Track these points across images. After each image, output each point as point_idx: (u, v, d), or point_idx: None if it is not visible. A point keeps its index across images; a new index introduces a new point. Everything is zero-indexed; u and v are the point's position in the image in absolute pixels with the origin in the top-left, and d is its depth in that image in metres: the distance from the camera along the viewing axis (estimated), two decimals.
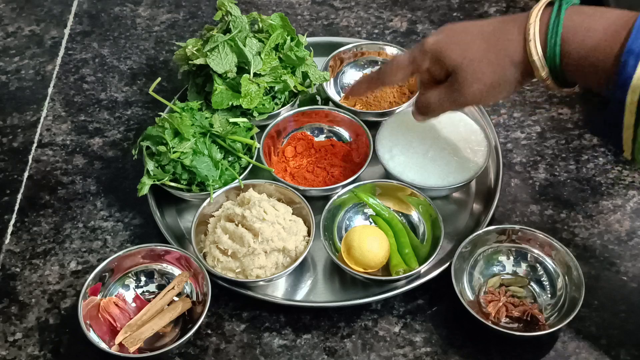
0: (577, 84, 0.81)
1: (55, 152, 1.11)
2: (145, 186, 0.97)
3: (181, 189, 0.99)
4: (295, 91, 1.07)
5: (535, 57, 0.79)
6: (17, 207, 1.04)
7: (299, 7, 1.30)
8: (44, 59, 1.24)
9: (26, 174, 1.08)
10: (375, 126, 1.04)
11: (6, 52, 1.25)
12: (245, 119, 1.03)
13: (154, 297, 0.91)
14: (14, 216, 1.03)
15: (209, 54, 1.03)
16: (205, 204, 0.97)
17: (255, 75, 1.04)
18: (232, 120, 1.02)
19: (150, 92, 1.04)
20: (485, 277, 0.93)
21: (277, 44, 1.07)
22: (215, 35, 1.04)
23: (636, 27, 0.72)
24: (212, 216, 0.97)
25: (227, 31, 1.06)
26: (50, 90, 1.19)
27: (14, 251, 0.99)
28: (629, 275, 0.93)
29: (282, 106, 1.07)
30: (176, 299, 0.91)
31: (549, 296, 0.90)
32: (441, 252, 0.94)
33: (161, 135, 0.98)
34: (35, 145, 1.12)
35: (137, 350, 0.86)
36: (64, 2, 1.33)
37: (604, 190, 1.02)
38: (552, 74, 0.80)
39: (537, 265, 0.92)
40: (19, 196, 1.06)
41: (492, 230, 0.93)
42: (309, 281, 0.95)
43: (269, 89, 1.05)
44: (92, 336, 0.86)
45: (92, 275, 0.89)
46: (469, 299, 0.90)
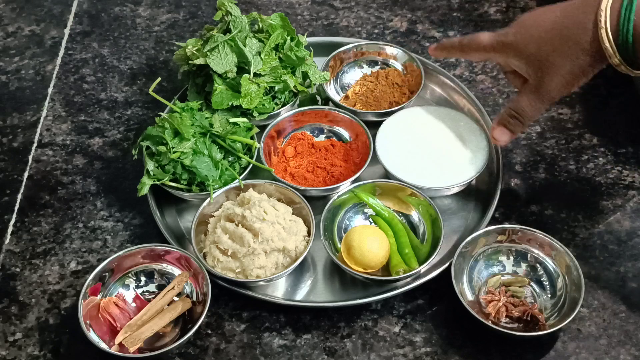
0: None
1: (55, 152, 1.11)
2: (145, 186, 0.97)
3: (181, 189, 0.99)
4: (295, 91, 1.07)
5: (607, 44, 0.80)
6: (17, 207, 1.04)
7: (299, 7, 1.30)
8: (44, 59, 1.24)
9: (26, 174, 1.08)
10: (375, 126, 1.04)
11: (6, 52, 1.25)
12: (245, 119, 1.03)
13: (154, 297, 0.91)
14: (14, 216, 1.03)
15: (209, 54, 1.03)
16: (205, 204, 0.97)
17: (255, 75, 1.04)
18: (232, 120, 1.02)
19: (150, 92, 1.04)
20: (485, 277, 0.93)
21: (277, 44, 1.07)
22: (215, 35, 1.04)
23: None
24: (212, 216, 0.97)
25: (227, 31, 1.06)
26: (50, 90, 1.19)
27: (14, 251, 0.99)
28: (629, 275, 0.93)
29: (282, 106, 1.07)
30: (176, 299, 0.91)
31: (549, 296, 0.90)
32: (441, 252, 0.94)
33: (161, 135, 0.98)
34: (35, 145, 1.12)
35: (137, 350, 0.86)
36: (64, 2, 1.33)
37: (604, 190, 1.02)
38: (625, 59, 0.81)
39: (537, 265, 0.92)
40: (19, 196, 1.06)
41: (492, 230, 0.93)
42: (309, 281, 0.95)
43: (269, 89, 1.05)
44: (92, 336, 0.86)
45: (92, 275, 0.89)
46: (469, 299, 0.90)
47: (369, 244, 0.90)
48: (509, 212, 1.00)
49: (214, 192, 0.97)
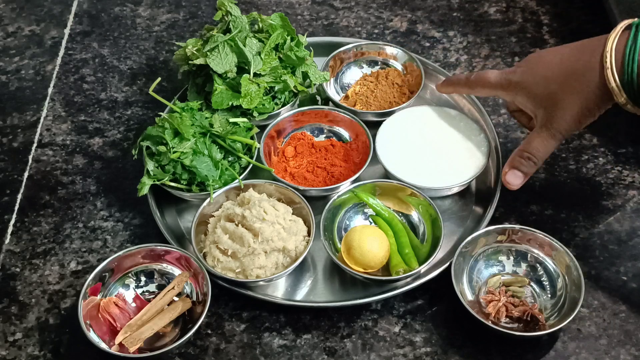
0: None
1: (55, 152, 1.11)
2: (145, 186, 0.97)
3: (181, 189, 0.99)
4: (295, 91, 1.07)
5: (613, 84, 0.82)
6: (17, 207, 1.04)
7: (299, 7, 1.30)
8: (44, 59, 1.24)
9: (26, 174, 1.08)
10: (375, 126, 1.04)
11: (6, 52, 1.25)
12: (245, 119, 1.03)
13: (154, 297, 0.91)
14: (14, 216, 1.03)
15: (209, 54, 1.03)
16: (205, 204, 0.97)
17: (255, 75, 1.04)
18: (232, 120, 1.02)
19: (150, 92, 1.04)
20: (485, 277, 0.93)
21: (277, 44, 1.07)
22: (215, 35, 1.04)
23: None
24: (212, 216, 0.97)
25: (227, 31, 1.06)
26: (50, 90, 1.19)
27: (14, 251, 0.99)
28: (629, 275, 0.93)
29: (282, 106, 1.07)
30: (176, 299, 0.91)
31: (549, 296, 0.90)
32: (441, 252, 0.94)
33: (161, 135, 0.98)
34: (35, 145, 1.12)
35: (137, 350, 0.86)
36: (64, 2, 1.33)
37: (604, 190, 1.02)
38: (631, 99, 0.82)
39: (537, 265, 0.92)
40: (19, 196, 1.06)
41: (492, 230, 0.93)
42: (309, 281, 0.95)
43: (269, 89, 1.05)
44: (92, 336, 0.86)
45: (92, 275, 0.89)
46: (469, 299, 0.90)
47: (369, 244, 0.90)
48: (509, 212, 1.00)
49: (214, 192, 0.97)
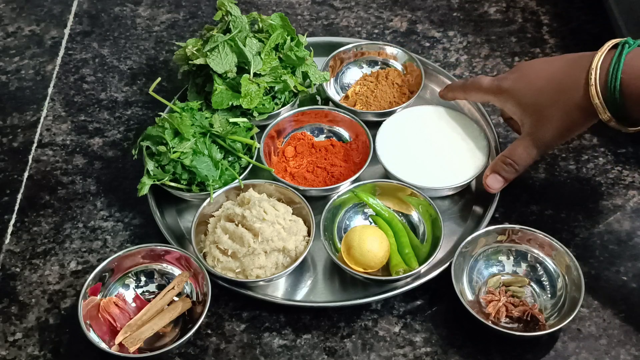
0: None
1: (55, 152, 1.11)
2: (145, 186, 0.97)
3: (181, 189, 0.99)
4: (295, 91, 1.07)
5: (596, 101, 0.84)
6: (17, 207, 1.04)
7: (299, 7, 1.30)
8: (44, 59, 1.24)
9: (26, 174, 1.08)
10: (375, 126, 1.04)
11: (6, 52, 1.25)
12: (245, 119, 1.03)
13: (154, 297, 0.91)
14: (14, 216, 1.03)
15: (209, 54, 1.03)
16: (205, 204, 0.97)
17: (255, 75, 1.04)
18: (232, 120, 1.02)
19: (150, 92, 1.04)
20: (485, 277, 0.93)
21: (277, 44, 1.07)
22: (215, 35, 1.04)
23: None
24: (212, 216, 0.97)
25: (227, 31, 1.06)
26: (50, 90, 1.19)
27: (14, 251, 0.99)
28: (629, 275, 0.93)
29: (282, 106, 1.07)
30: (176, 299, 0.91)
31: (549, 296, 0.90)
32: (441, 252, 0.94)
33: (161, 135, 0.98)
34: (35, 145, 1.12)
35: (137, 350, 0.86)
36: (64, 2, 1.33)
37: (604, 190, 1.02)
38: (615, 116, 0.84)
39: (537, 265, 0.92)
40: (19, 196, 1.06)
41: (492, 230, 0.93)
42: (309, 281, 0.95)
43: (269, 89, 1.05)
44: (92, 336, 0.86)
45: (92, 275, 0.89)
46: (469, 299, 0.90)
47: (369, 244, 0.90)
48: (509, 212, 1.00)
49: (214, 192, 0.97)
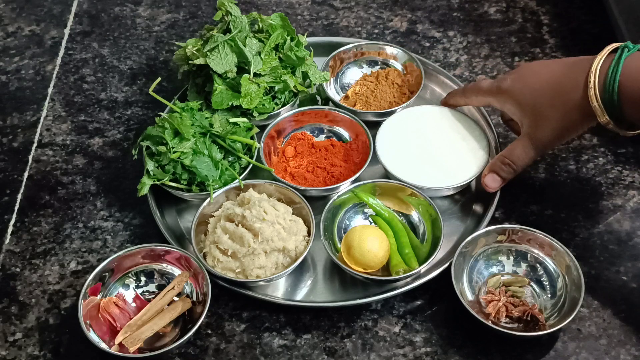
0: None
1: (55, 152, 1.11)
2: (145, 186, 0.97)
3: (181, 189, 0.99)
4: (295, 91, 1.07)
5: (595, 104, 0.84)
6: (17, 207, 1.04)
7: (299, 7, 1.30)
8: (44, 59, 1.24)
9: (26, 174, 1.08)
10: (375, 126, 1.04)
11: (6, 52, 1.25)
12: (245, 119, 1.03)
13: (154, 297, 0.91)
14: (14, 216, 1.03)
15: (209, 54, 1.03)
16: (205, 204, 0.97)
17: (255, 75, 1.04)
18: (232, 120, 1.02)
19: (150, 92, 1.04)
20: (485, 277, 0.93)
21: (277, 44, 1.07)
22: (215, 35, 1.04)
23: None
24: (212, 216, 0.97)
25: (227, 31, 1.06)
26: (50, 90, 1.19)
27: (14, 251, 0.99)
28: (629, 275, 0.93)
29: (282, 106, 1.07)
30: (176, 299, 0.91)
31: (549, 296, 0.90)
32: (441, 252, 0.94)
33: (161, 135, 0.98)
34: (35, 145, 1.12)
35: (137, 350, 0.86)
36: (64, 2, 1.33)
37: (604, 190, 1.02)
38: (613, 119, 0.84)
39: (537, 265, 0.92)
40: (19, 196, 1.06)
41: (492, 230, 0.93)
42: (309, 281, 0.95)
43: (269, 89, 1.05)
44: (92, 336, 0.86)
45: (92, 275, 0.89)
46: (469, 299, 0.90)
47: (369, 244, 0.90)
48: (509, 212, 1.00)
49: (214, 192, 0.97)
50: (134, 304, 0.91)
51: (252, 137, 1.03)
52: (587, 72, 0.85)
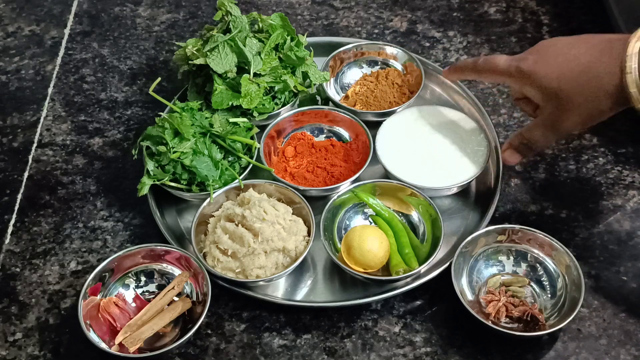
0: None
1: (55, 152, 1.11)
2: (145, 186, 0.97)
3: (181, 189, 0.99)
4: (295, 91, 1.07)
5: (632, 89, 0.79)
6: (17, 207, 1.04)
7: (299, 7, 1.30)
8: (44, 59, 1.24)
9: (26, 174, 1.08)
10: (375, 126, 1.04)
11: (6, 52, 1.25)
12: (245, 119, 1.03)
13: (154, 297, 0.91)
14: (14, 216, 1.03)
15: (209, 54, 1.03)
16: (205, 204, 0.97)
17: (255, 75, 1.04)
18: (232, 120, 1.02)
19: (150, 92, 1.04)
20: (485, 277, 0.93)
21: (277, 44, 1.07)
22: (215, 35, 1.04)
23: None
24: (212, 216, 0.97)
25: (227, 31, 1.06)
26: (50, 90, 1.19)
27: (14, 251, 0.99)
28: (629, 275, 0.93)
29: (282, 106, 1.07)
30: (176, 299, 0.91)
31: (549, 296, 0.90)
32: (441, 252, 0.94)
33: (161, 135, 0.98)
34: (35, 145, 1.12)
35: (137, 350, 0.86)
36: (64, 2, 1.33)
37: (604, 190, 1.02)
38: None
39: (537, 265, 0.92)
40: (19, 196, 1.06)
41: (492, 230, 0.93)
42: (309, 281, 0.95)
43: (269, 89, 1.05)
44: (92, 336, 0.86)
45: (92, 275, 0.89)
46: (469, 299, 0.90)
47: (369, 244, 0.90)
48: (509, 212, 1.00)
49: (214, 192, 0.97)
50: (134, 304, 0.91)
51: (252, 137, 1.03)
52: (621, 56, 0.80)
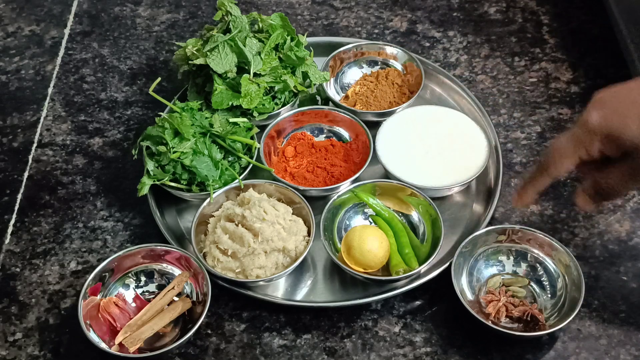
0: None
1: (55, 152, 1.11)
2: (145, 186, 0.97)
3: (181, 189, 0.99)
4: (295, 91, 1.07)
5: None
6: (17, 207, 1.04)
7: (299, 7, 1.30)
8: (44, 59, 1.24)
9: (26, 174, 1.08)
10: (375, 126, 1.04)
11: (6, 52, 1.25)
12: (245, 119, 1.03)
13: (154, 297, 0.91)
14: (14, 216, 1.03)
15: (209, 54, 1.03)
16: (205, 204, 0.97)
17: (255, 75, 1.04)
18: (232, 120, 1.02)
19: (150, 92, 1.04)
20: (485, 277, 0.93)
21: (277, 44, 1.07)
22: (215, 35, 1.04)
23: None
24: (212, 216, 0.97)
25: (227, 31, 1.06)
26: (50, 90, 1.19)
27: (14, 251, 0.99)
28: (629, 275, 0.93)
29: (282, 106, 1.07)
30: (176, 299, 0.91)
31: (549, 296, 0.90)
32: (441, 252, 0.94)
33: (161, 135, 0.98)
34: (35, 145, 1.12)
35: (137, 350, 0.86)
36: (64, 2, 1.33)
37: None
38: None
39: (537, 265, 0.92)
40: (19, 196, 1.06)
41: (492, 230, 0.93)
42: (309, 281, 0.95)
43: (269, 89, 1.05)
44: (92, 336, 0.86)
45: (92, 275, 0.89)
46: (469, 299, 0.90)
47: (369, 244, 0.90)
48: (509, 212, 1.00)
49: (214, 192, 0.97)
50: (134, 304, 0.91)
51: (252, 137, 1.03)
52: None
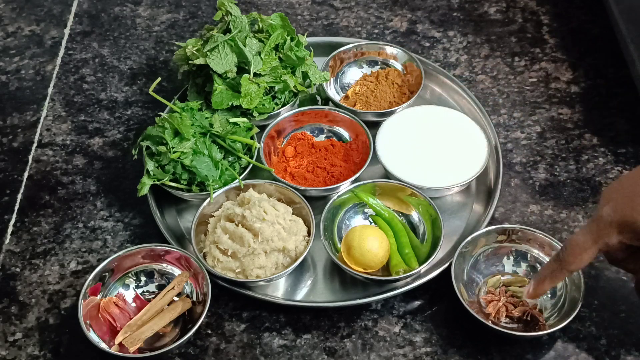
0: None
1: (55, 152, 1.11)
2: (145, 186, 0.97)
3: (181, 189, 0.99)
4: (295, 91, 1.07)
5: None
6: (17, 207, 1.04)
7: (299, 7, 1.30)
8: (44, 59, 1.24)
9: (26, 174, 1.08)
10: (375, 126, 1.04)
11: (6, 52, 1.25)
12: (245, 119, 1.03)
13: (154, 297, 0.91)
14: (14, 216, 1.03)
15: (209, 54, 1.03)
16: (205, 204, 0.97)
17: (255, 75, 1.04)
18: (232, 120, 1.02)
19: (150, 92, 1.04)
20: (485, 277, 0.93)
21: (277, 44, 1.07)
22: (215, 35, 1.04)
23: None
24: (212, 216, 0.97)
25: (227, 31, 1.06)
26: (50, 90, 1.19)
27: (14, 251, 0.99)
28: (629, 275, 0.93)
29: (282, 106, 1.07)
30: (176, 299, 0.91)
31: (549, 296, 0.90)
32: (441, 252, 0.94)
33: (161, 135, 0.98)
34: (35, 145, 1.12)
35: (137, 350, 0.86)
36: (64, 2, 1.33)
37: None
38: None
39: (537, 265, 0.92)
40: (19, 196, 1.06)
41: (492, 230, 0.93)
42: (309, 281, 0.95)
43: (269, 89, 1.05)
44: (92, 336, 0.86)
45: (92, 275, 0.89)
46: (469, 299, 0.90)
47: (369, 244, 0.90)
48: (509, 212, 1.00)
49: (214, 192, 0.97)
50: (134, 304, 0.91)
51: (252, 137, 1.03)
52: None
